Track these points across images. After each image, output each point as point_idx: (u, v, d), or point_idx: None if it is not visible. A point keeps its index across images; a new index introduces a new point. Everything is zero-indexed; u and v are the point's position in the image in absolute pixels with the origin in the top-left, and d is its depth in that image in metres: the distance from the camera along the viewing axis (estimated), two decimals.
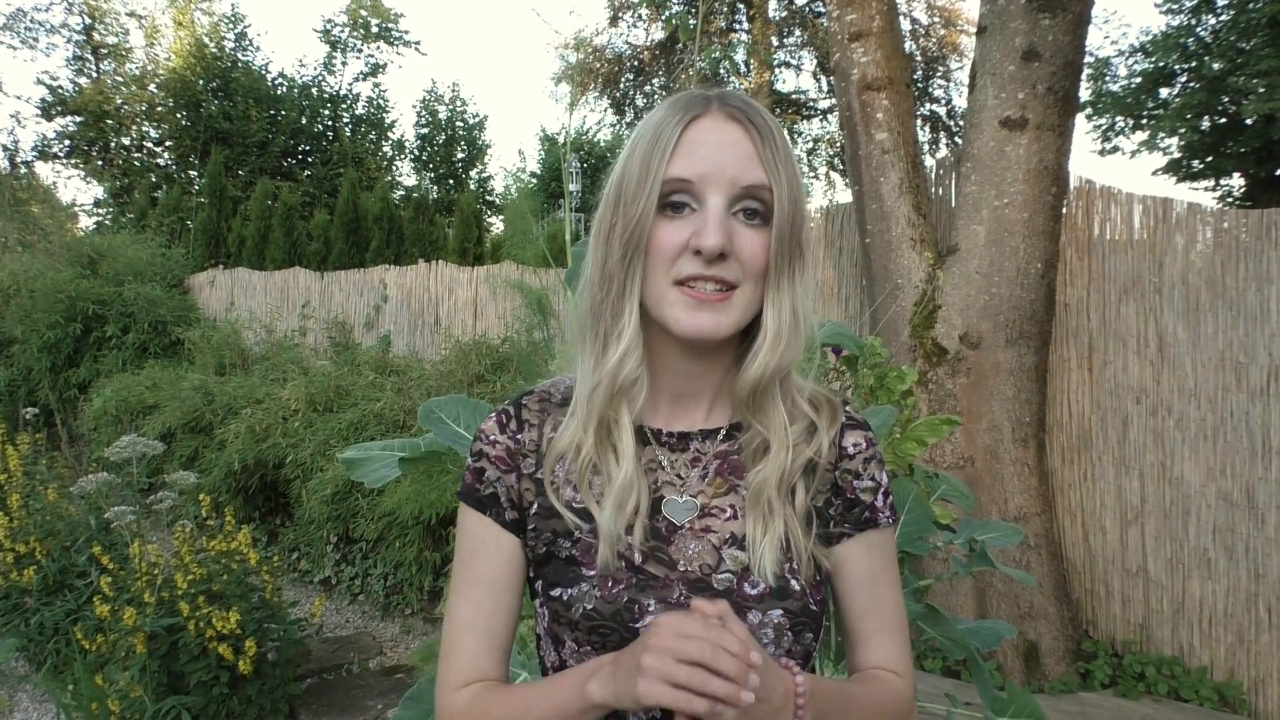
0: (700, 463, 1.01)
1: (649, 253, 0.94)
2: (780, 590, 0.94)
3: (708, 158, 0.92)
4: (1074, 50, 4.09)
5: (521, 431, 1.04)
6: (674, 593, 0.94)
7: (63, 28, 19.90)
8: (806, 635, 0.95)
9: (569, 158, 3.15)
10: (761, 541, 0.95)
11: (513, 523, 1.02)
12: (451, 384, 5.85)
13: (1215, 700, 3.90)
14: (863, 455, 1.04)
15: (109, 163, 18.79)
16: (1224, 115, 12.09)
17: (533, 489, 1.01)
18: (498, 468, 1.03)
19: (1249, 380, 3.90)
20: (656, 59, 16.99)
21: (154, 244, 10.87)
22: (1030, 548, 4.18)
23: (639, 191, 0.93)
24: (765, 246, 0.93)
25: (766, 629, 0.92)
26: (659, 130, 0.94)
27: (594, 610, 0.93)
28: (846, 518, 1.03)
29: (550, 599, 0.97)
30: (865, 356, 2.13)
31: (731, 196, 0.92)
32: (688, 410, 1.03)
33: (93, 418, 7.89)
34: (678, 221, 0.93)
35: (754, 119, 0.94)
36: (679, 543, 0.97)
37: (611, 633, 0.92)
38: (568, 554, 0.98)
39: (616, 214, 0.95)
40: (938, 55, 16.77)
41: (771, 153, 0.93)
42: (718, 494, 1.00)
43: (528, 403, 1.06)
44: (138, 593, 3.48)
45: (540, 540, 1.00)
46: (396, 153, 22.25)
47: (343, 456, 1.80)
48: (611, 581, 0.94)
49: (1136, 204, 4.22)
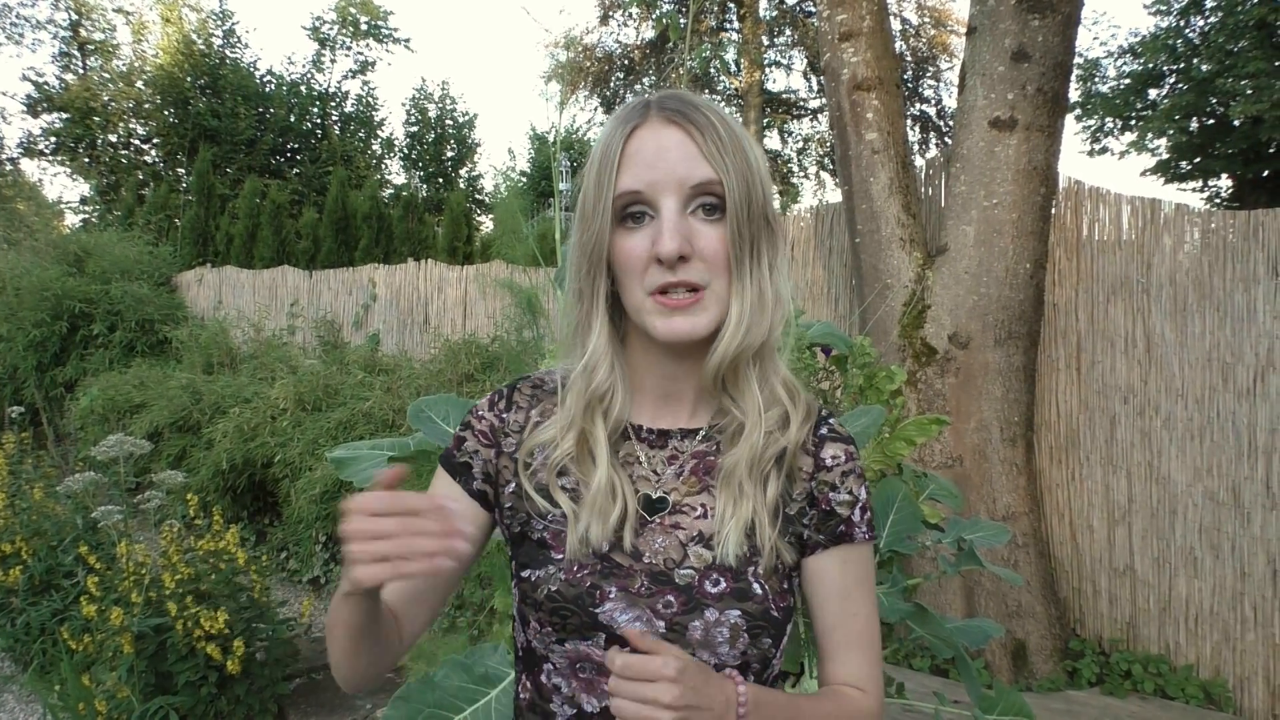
0: (677, 460, 1.03)
1: (619, 266, 0.96)
2: (740, 591, 0.95)
3: (653, 165, 0.94)
4: (1063, 51, 4.10)
5: (509, 411, 1.07)
6: (636, 582, 0.96)
7: (49, 23, 19.85)
8: (764, 640, 0.95)
9: (559, 157, 3.17)
10: (729, 521, 0.97)
11: (478, 493, 1.05)
12: (441, 383, 5.84)
13: (1201, 698, 3.93)
14: (841, 468, 1.04)
15: (95, 160, 18.69)
16: (1212, 117, 12.16)
17: (511, 467, 1.05)
18: (479, 441, 1.06)
19: (1236, 380, 3.92)
20: (647, 58, 16.99)
21: (141, 242, 10.79)
22: (1018, 547, 4.19)
23: (595, 208, 0.96)
24: (725, 239, 0.95)
25: (722, 628, 0.93)
26: (607, 145, 0.97)
27: (557, 592, 0.95)
28: (821, 529, 1.03)
29: (520, 579, 1.00)
30: (854, 356, 2.13)
31: (684, 198, 0.94)
32: (671, 409, 1.05)
33: (79, 416, 7.85)
34: (638, 232, 0.95)
35: (692, 116, 0.95)
36: (647, 535, 0.99)
37: (572, 615, 0.94)
38: (539, 536, 1.00)
39: (580, 233, 0.99)
40: (928, 55, 16.82)
41: (715, 146, 0.94)
42: (690, 492, 1.01)
43: (522, 386, 1.10)
44: (125, 592, 3.46)
45: (515, 520, 1.03)
46: (386, 151, 22.21)
47: (331, 455, 1.80)
48: (576, 566, 0.96)
49: (1125, 205, 4.24)
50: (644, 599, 0.94)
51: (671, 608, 0.94)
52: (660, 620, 0.93)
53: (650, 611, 0.94)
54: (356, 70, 22.28)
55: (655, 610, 0.94)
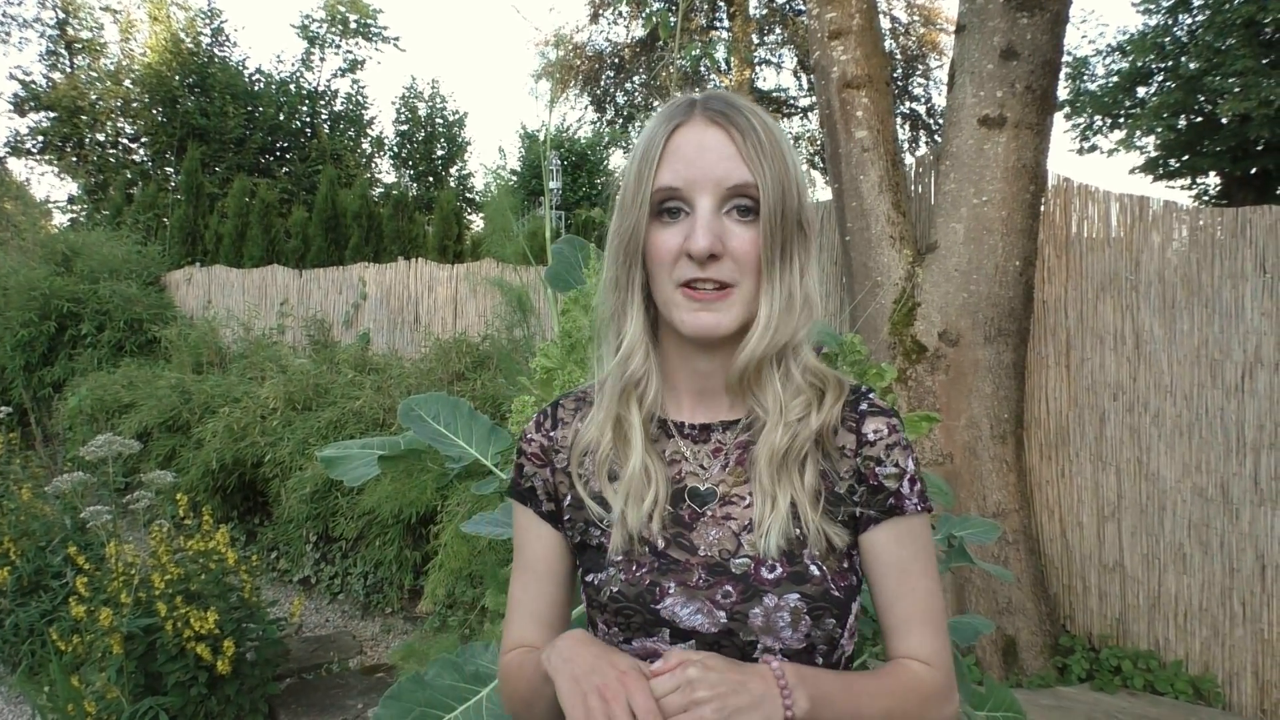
0: (721, 453, 1.05)
1: (652, 259, 1.00)
2: (796, 575, 0.96)
3: (692, 164, 0.96)
4: (1052, 49, 4.11)
5: (555, 429, 1.12)
6: (693, 576, 0.98)
7: (36, 22, 19.71)
8: (827, 620, 0.96)
9: (549, 155, 3.16)
10: (768, 517, 0.98)
11: (549, 514, 1.11)
12: (431, 382, 5.83)
13: (1190, 694, 3.94)
14: (885, 441, 1.04)
15: (83, 159, 18.58)
16: (1200, 114, 12.22)
17: (565, 481, 1.09)
18: (534, 464, 1.12)
19: (1224, 377, 3.93)
20: (637, 56, 16.99)
21: (129, 241, 10.74)
22: (1008, 543, 4.21)
23: (633, 201, 0.99)
24: (756, 242, 0.97)
25: (782, 613, 0.95)
26: (649, 141, 0.99)
27: (619, 593, 0.99)
28: (871, 504, 1.03)
29: (586, 584, 1.05)
30: (845, 354, 2.14)
31: (719, 198, 0.96)
32: (710, 403, 1.08)
33: (68, 417, 7.81)
34: (673, 227, 0.98)
35: (734, 119, 0.97)
36: (700, 529, 1.01)
37: (635, 614, 0.98)
38: (597, 542, 1.05)
39: (619, 223, 1.02)
40: (917, 54, 16.86)
41: (754, 149, 0.96)
42: (737, 482, 1.03)
43: (564, 402, 1.14)
44: (114, 593, 3.45)
45: (575, 530, 1.08)
46: (375, 149, 22.12)
47: (322, 455, 1.80)
48: (635, 565, 1.00)
49: (1114, 202, 4.25)
50: (703, 591, 0.97)
51: (730, 597, 0.96)
52: (720, 610, 0.96)
53: (710, 603, 0.96)
54: (346, 69, 22.17)
55: (715, 601, 0.96)
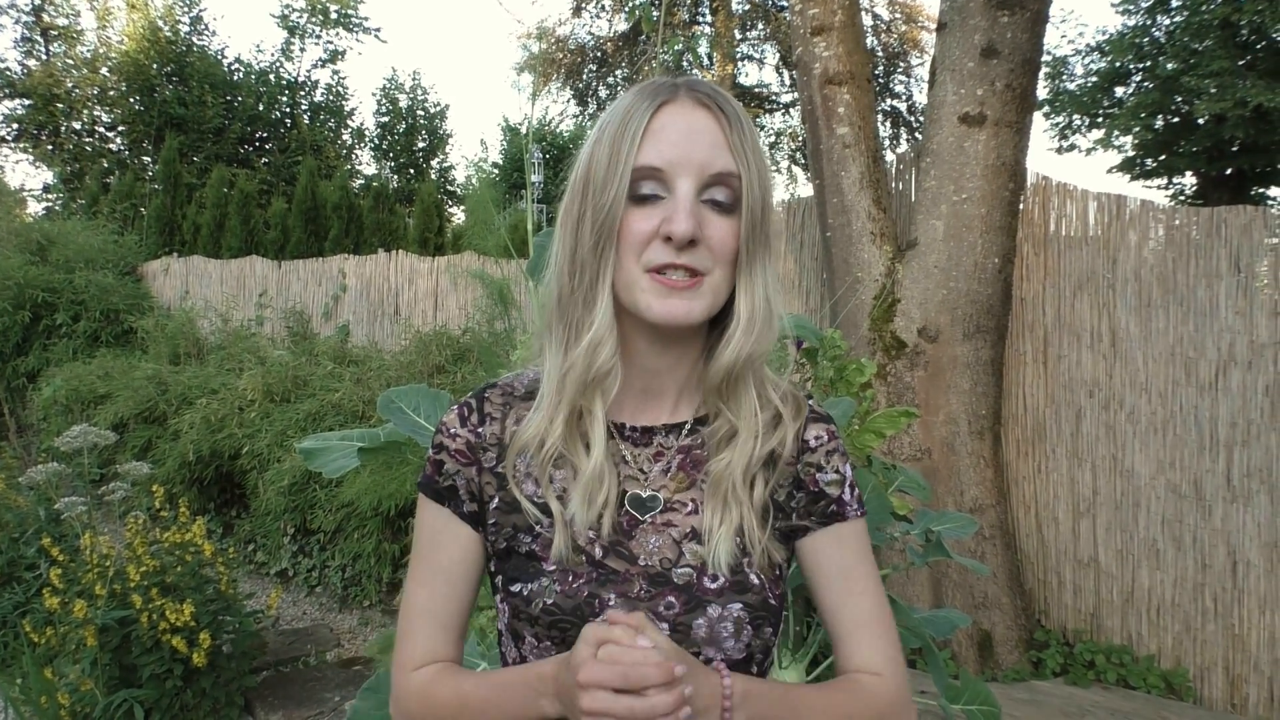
0: (663, 457, 1.00)
1: (620, 239, 0.92)
2: (739, 584, 0.94)
3: (677, 144, 0.91)
4: (1032, 48, 4.14)
5: (483, 425, 1.02)
6: (634, 587, 0.94)
7: (10, 8, 19.38)
8: (766, 629, 0.95)
9: (531, 148, 3.14)
10: (718, 531, 0.95)
11: (470, 515, 1.02)
12: (411, 375, 5.81)
13: (1163, 688, 3.99)
14: (825, 448, 1.03)
15: (59, 147, 18.35)
16: (1177, 115, 12.34)
17: (494, 483, 1.01)
18: (457, 461, 1.02)
19: (1198, 374, 3.98)
20: (619, 50, 16.95)
21: (106, 231, 10.63)
22: (985, 538, 4.24)
23: (609, 179, 0.91)
24: (734, 233, 0.93)
25: (726, 623, 0.92)
26: (627, 116, 0.93)
27: (554, 605, 0.92)
28: (811, 511, 1.02)
29: (510, 594, 0.96)
30: (825, 349, 2.15)
31: (700, 183, 0.92)
32: (653, 405, 1.02)
33: (42, 407, 7.73)
34: (647, 208, 0.92)
35: (722, 105, 0.94)
36: (640, 537, 0.96)
37: (571, 627, 0.91)
38: (528, 549, 0.97)
39: (585, 202, 0.94)
40: (899, 51, 16.91)
41: (740, 139, 0.93)
42: (679, 489, 0.99)
43: (490, 395, 1.05)
44: (89, 585, 3.42)
45: (500, 535, 0.99)
46: (356, 141, 21.99)
47: (300, 447, 1.79)
48: (572, 576, 0.94)
49: (1091, 201, 4.29)
50: (644, 603, 0.92)
51: (674, 608, 0.93)
52: (663, 622, 0.92)
53: (653, 615, 0.91)
54: (326, 59, 21.98)
55: (657, 613, 0.92)
